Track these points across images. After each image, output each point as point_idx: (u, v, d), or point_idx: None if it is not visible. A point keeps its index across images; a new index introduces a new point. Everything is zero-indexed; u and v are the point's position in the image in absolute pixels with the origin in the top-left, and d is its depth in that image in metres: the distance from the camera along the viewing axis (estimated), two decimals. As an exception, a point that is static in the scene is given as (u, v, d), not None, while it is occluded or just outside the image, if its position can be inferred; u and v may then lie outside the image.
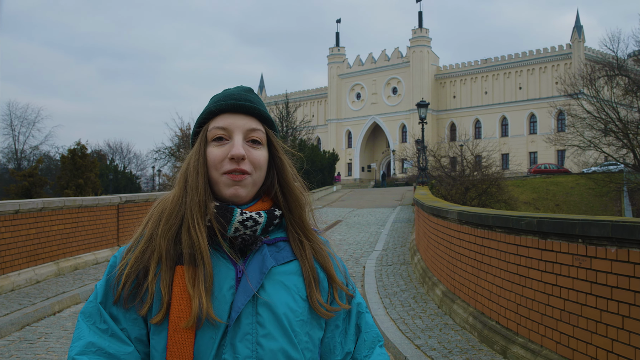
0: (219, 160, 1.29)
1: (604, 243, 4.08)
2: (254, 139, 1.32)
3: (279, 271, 1.30)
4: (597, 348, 4.17)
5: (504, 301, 5.72)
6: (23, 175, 28.42)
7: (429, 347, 5.90)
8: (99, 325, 1.25)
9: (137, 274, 1.25)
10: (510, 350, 5.33)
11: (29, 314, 7.35)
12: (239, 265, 1.28)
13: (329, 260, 1.38)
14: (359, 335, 1.41)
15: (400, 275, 10.47)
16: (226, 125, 1.31)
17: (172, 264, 1.25)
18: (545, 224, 4.82)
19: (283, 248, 1.35)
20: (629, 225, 3.75)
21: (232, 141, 1.30)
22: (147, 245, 1.27)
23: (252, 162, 1.30)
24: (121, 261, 1.29)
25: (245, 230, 1.29)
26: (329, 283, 1.36)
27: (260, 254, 1.30)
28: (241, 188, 1.29)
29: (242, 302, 1.23)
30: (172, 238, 1.26)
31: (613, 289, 4.00)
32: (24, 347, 6.21)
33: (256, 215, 1.30)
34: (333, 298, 1.36)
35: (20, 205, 9.16)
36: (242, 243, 1.30)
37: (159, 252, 1.25)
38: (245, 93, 1.36)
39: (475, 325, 6.29)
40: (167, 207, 1.30)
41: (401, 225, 19.55)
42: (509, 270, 5.60)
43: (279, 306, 1.26)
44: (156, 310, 1.23)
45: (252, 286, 1.25)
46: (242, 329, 1.23)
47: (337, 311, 1.35)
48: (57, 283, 9.44)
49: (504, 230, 5.69)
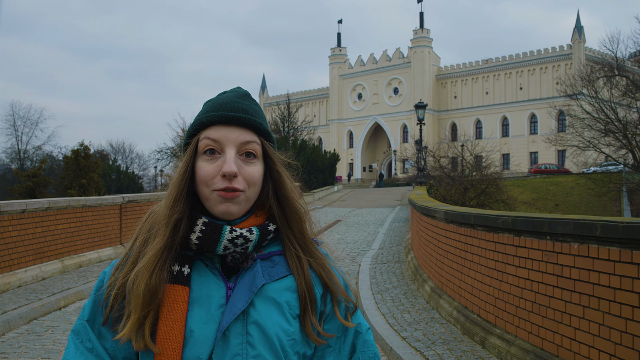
0: (210, 177, 1.22)
1: (568, 239, 4.43)
2: (249, 152, 1.26)
3: (272, 288, 1.25)
4: (562, 336, 4.52)
5: (484, 295, 6.07)
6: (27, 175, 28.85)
7: (414, 338, 6.25)
8: (85, 344, 1.25)
9: (124, 296, 1.22)
10: (488, 341, 5.68)
11: (36, 309, 7.71)
12: (230, 283, 1.25)
13: (331, 275, 1.32)
14: (353, 355, 1.35)
15: (394, 272, 10.82)
16: (218, 138, 1.24)
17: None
18: (518, 222, 5.17)
19: (278, 263, 1.29)
20: (588, 222, 4.09)
21: (224, 156, 1.23)
22: (135, 267, 1.23)
23: (245, 179, 1.24)
24: (110, 279, 1.26)
25: (236, 249, 1.24)
26: (329, 299, 1.31)
27: (252, 271, 1.25)
28: (233, 205, 1.23)
29: (227, 321, 1.19)
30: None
31: (576, 281, 4.34)
32: (32, 339, 6.57)
33: (247, 233, 1.24)
34: (333, 314, 1.31)
35: (27, 205, 9.53)
36: (232, 261, 1.26)
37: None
38: (240, 100, 1.29)
39: (458, 318, 6.64)
40: (157, 222, 1.26)
41: (399, 224, 19.88)
42: (489, 266, 5.95)
43: (270, 326, 1.21)
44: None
45: (238, 305, 1.21)
46: (231, 349, 1.19)
47: (330, 337, 1.29)
48: (62, 280, 9.80)
49: (484, 229, 6.04)
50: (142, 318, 1.18)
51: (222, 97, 1.30)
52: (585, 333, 4.21)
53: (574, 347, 4.36)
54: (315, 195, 36.08)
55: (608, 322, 3.97)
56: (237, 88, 1.34)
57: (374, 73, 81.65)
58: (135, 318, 1.17)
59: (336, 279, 1.32)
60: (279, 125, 55.13)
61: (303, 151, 45.24)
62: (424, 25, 77.60)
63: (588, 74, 42.70)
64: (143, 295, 1.17)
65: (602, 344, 4.03)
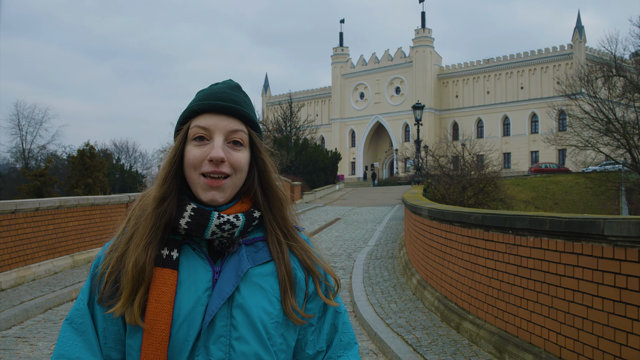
0: (198, 161, 1.29)
1: (525, 233, 5.02)
2: (236, 140, 1.32)
3: (255, 273, 1.31)
4: (521, 319, 5.11)
5: (461, 285, 6.66)
6: (34, 174, 29.57)
7: (397, 325, 6.84)
8: (78, 328, 1.29)
9: (117, 275, 1.28)
10: (462, 326, 6.27)
11: (51, 299, 8.32)
12: (216, 266, 1.30)
13: (311, 257, 1.39)
14: (335, 335, 1.40)
15: (386, 267, 11.41)
16: (207, 126, 1.30)
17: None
18: (487, 218, 5.76)
19: (261, 248, 1.35)
20: (540, 218, 4.68)
21: (213, 142, 1.29)
22: (128, 247, 1.29)
23: (232, 164, 1.30)
24: (104, 261, 1.32)
25: (223, 234, 1.29)
26: (311, 280, 1.37)
27: (238, 255, 1.31)
28: (218, 193, 1.30)
29: (216, 305, 1.24)
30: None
31: (532, 270, 4.93)
32: (49, 326, 7.18)
33: (234, 219, 1.30)
34: (316, 294, 1.37)
35: (40, 203, 10.15)
36: (219, 246, 1.31)
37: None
38: (230, 91, 1.35)
39: (439, 307, 7.24)
40: (148, 207, 1.32)
41: (396, 222, 20.44)
42: (464, 259, 6.54)
43: (253, 309, 1.27)
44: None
45: (226, 290, 1.26)
46: (215, 331, 1.24)
47: (310, 318, 1.35)
48: (73, 274, 10.43)
49: (460, 225, 6.64)
50: (133, 293, 1.24)
51: (214, 87, 1.37)
52: (539, 315, 4.81)
53: (530, 328, 4.95)
54: (316, 194, 36.62)
55: (557, 304, 4.55)
56: (229, 80, 1.40)
57: (375, 72, 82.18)
58: (127, 293, 1.24)
59: (317, 260, 1.39)
60: (281, 125, 55.67)
61: (305, 150, 45.85)
62: (425, 24, 78.10)
63: (586, 74, 43.14)
64: (131, 270, 1.24)
65: (551, 324, 4.62)
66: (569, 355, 4.36)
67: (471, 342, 5.94)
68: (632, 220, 3.56)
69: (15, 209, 9.32)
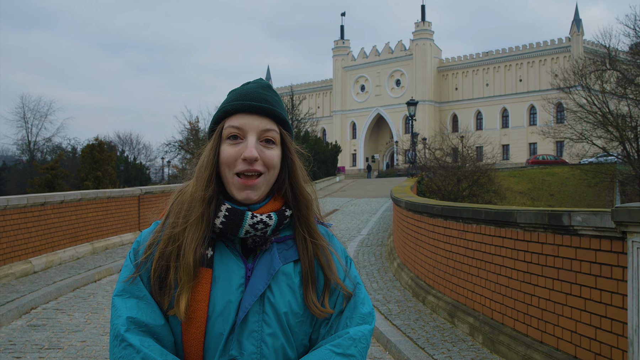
0: (232, 160, 1.32)
1: (470, 222, 6.25)
2: (268, 139, 1.35)
3: (285, 271, 1.34)
4: (467, 290, 6.36)
5: (428, 266, 7.91)
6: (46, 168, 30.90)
7: (374, 299, 8.09)
8: (136, 293, 1.31)
9: (162, 269, 1.31)
10: (427, 299, 7.52)
11: (78, 280, 9.60)
12: (248, 263, 1.33)
13: (330, 263, 1.40)
14: (355, 307, 1.40)
15: (374, 254, 12.66)
16: (241, 125, 1.33)
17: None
18: (445, 209, 7.00)
19: (292, 246, 1.38)
20: (478, 209, 5.91)
21: (246, 141, 1.32)
22: (169, 242, 1.32)
23: (265, 162, 1.33)
24: (150, 238, 1.36)
25: (256, 232, 1.32)
26: (325, 283, 1.38)
27: (270, 253, 1.34)
28: (252, 192, 1.33)
29: (249, 302, 1.28)
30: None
31: (475, 251, 6.17)
32: (79, 302, 8.45)
33: (266, 219, 1.33)
34: (329, 297, 1.38)
35: (64, 196, 11.41)
36: (252, 244, 1.35)
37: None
38: (262, 91, 1.38)
39: (412, 285, 8.49)
40: (186, 201, 1.35)
41: (390, 213, 21.49)
42: (430, 243, 7.78)
43: (281, 306, 1.31)
44: (171, 305, 1.29)
45: (259, 287, 1.30)
46: (248, 326, 1.28)
47: (330, 313, 1.36)
48: (93, 259, 11.70)
49: (427, 215, 7.88)
50: (189, 288, 1.28)
51: (246, 87, 1.40)
52: (479, 287, 6.05)
53: (473, 297, 6.20)
54: (317, 186, 37.58)
55: (490, 277, 5.80)
56: (260, 79, 1.43)
57: (376, 65, 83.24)
58: (186, 287, 1.27)
59: (333, 266, 1.40)
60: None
61: (306, 142, 47.01)
62: (425, 18, 79.10)
63: (581, 68, 44.05)
64: (186, 275, 1.27)
65: (487, 293, 5.86)
66: (497, 316, 5.62)
67: (432, 311, 7.19)
68: (532, 211, 4.79)
69: (44, 202, 10.58)
